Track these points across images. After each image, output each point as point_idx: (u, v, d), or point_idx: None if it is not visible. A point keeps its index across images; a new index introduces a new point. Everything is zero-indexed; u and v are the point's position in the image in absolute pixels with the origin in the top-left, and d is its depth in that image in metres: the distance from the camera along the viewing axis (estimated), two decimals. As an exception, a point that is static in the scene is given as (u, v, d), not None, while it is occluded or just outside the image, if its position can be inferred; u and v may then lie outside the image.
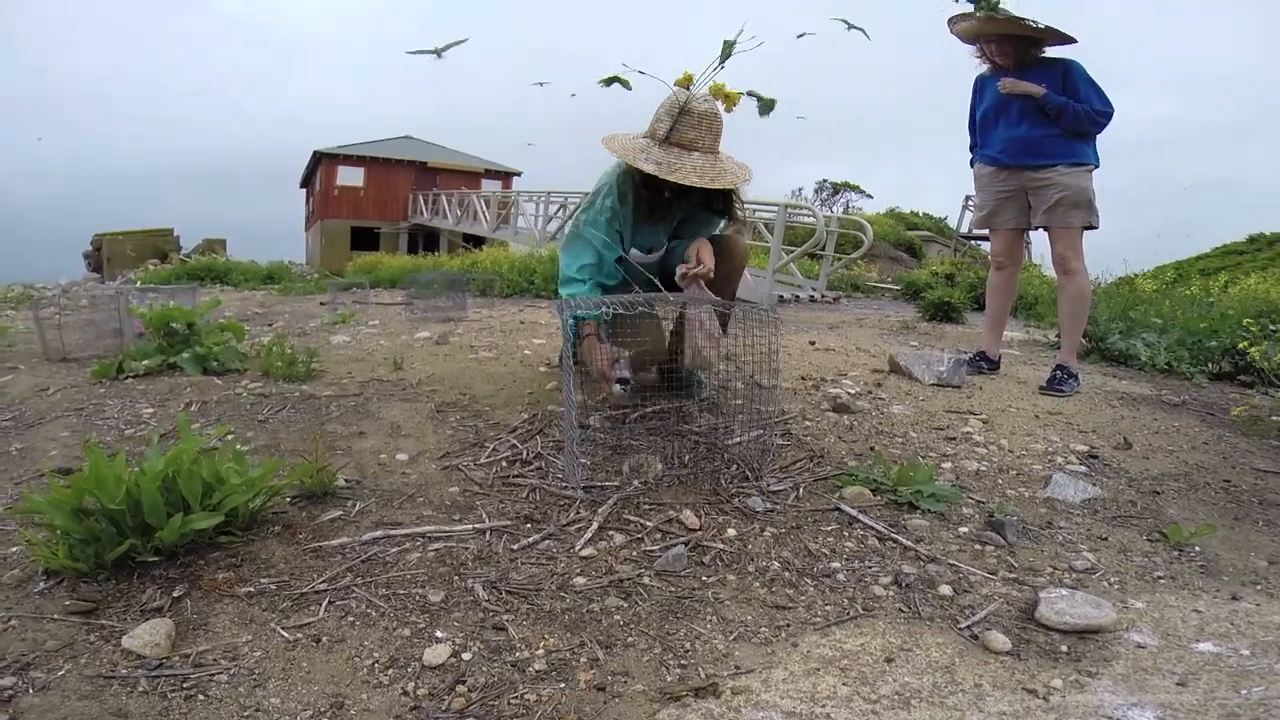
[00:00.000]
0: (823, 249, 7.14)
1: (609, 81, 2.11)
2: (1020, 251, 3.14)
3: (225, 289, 14.89)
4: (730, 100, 2.02)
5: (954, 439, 2.16)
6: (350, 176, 24.75)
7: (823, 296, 7.29)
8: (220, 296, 10.02)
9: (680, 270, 2.03)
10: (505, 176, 25.81)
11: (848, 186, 22.51)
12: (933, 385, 2.78)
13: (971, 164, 3.16)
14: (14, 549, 1.38)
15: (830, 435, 2.12)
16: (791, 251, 7.32)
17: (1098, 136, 2.84)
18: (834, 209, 21.83)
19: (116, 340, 3.22)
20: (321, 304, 7.53)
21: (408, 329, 4.09)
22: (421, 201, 22.49)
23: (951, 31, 2.93)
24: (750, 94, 2.04)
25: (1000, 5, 2.74)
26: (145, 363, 2.64)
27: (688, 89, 1.99)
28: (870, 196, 23.87)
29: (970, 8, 2.78)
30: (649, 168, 1.86)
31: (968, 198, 23.02)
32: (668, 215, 2.17)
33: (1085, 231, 2.84)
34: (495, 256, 9.83)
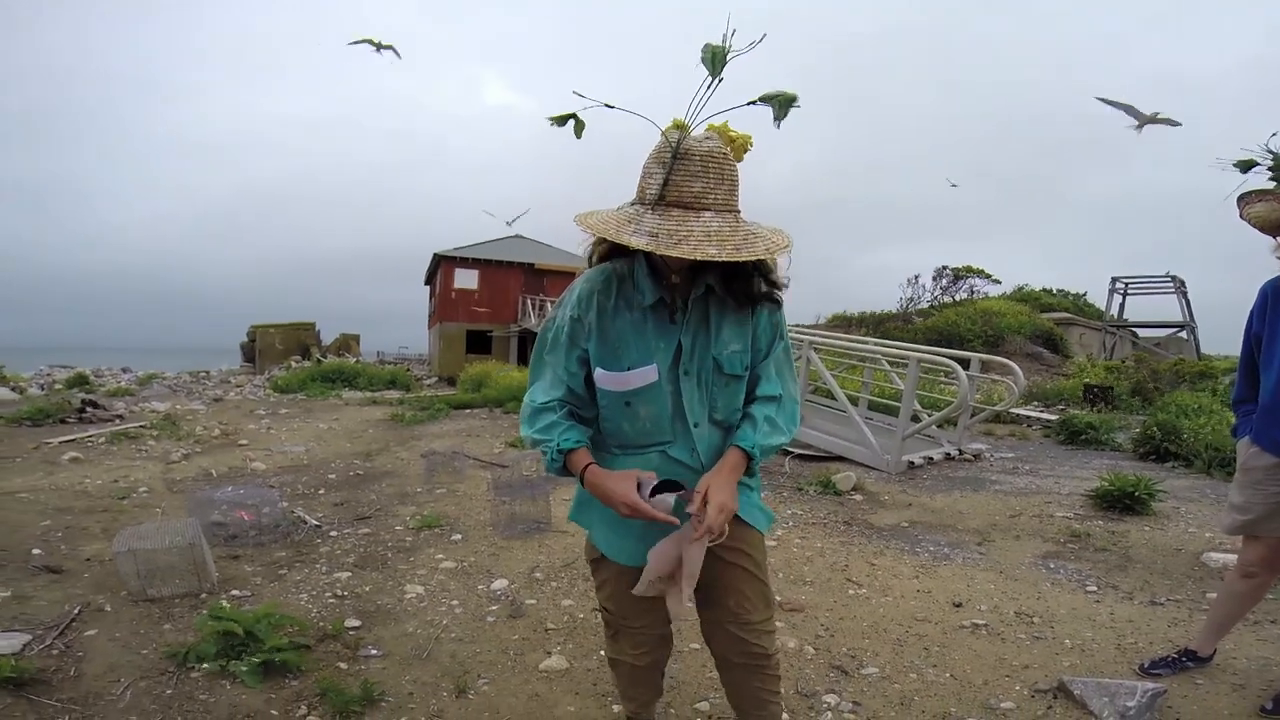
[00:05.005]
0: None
1: (561, 120, 1.50)
2: None
3: (351, 393, 16.05)
4: (737, 145, 1.39)
5: None
6: (465, 279, 26.25)
7: (960, 453, 6.29)
8: (335, 423, 10.34)
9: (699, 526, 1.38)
10: (608, 275, 26.45)
11: (970, 271, 20.57)
12: None
13: (1235, 432, 2.23)
14: None
15: None
16: (923, 401, 6.42)
17: None
18: (956, 296, 20.15)
19: (194, 577, 3.23)
20: (423, 456, 7.66)
21: (488, 556, 3.72)
22: (529, 305, 23.29)
23: (1242, 216, 2.06)
24: (764, 99, 1.36)
25: None
26: (205, 666, 2.54)
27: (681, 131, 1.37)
28: (998, 282, 21.55)
29: (1270, 180, 1.94)
30: (640, 242, 1.26)
31: (1114, 279, 20.53)
32: (677, 310, 1.50)
33: None
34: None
